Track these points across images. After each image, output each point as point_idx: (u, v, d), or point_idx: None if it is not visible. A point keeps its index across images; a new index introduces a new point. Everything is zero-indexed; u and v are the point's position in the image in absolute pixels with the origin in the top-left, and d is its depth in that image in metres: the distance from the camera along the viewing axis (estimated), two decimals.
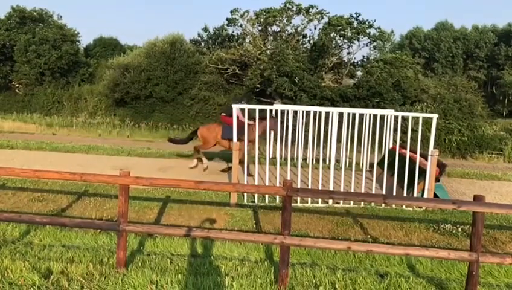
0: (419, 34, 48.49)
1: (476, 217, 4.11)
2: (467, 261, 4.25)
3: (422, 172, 8.38)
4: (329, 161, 8.86)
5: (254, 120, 8.66)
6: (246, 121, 8.21)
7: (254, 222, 6.92)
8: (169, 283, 4.13)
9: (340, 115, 8.37)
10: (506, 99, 41.41)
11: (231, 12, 26.72)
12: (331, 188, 8.14)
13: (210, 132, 10.96)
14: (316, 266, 4.90)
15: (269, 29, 26.91)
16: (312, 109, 8.96)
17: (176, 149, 14.63)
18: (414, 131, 10.22)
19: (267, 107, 8.76)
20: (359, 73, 28.18)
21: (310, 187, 8.35)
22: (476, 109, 22.41)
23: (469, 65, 45.46)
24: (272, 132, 11.42)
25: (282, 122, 9.20)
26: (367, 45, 26.86)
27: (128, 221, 4.56)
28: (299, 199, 7.86)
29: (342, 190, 8.26)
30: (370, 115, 9.85)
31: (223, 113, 11.12)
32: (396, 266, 5.16)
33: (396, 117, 9.18)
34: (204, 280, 4.21)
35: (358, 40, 26.01)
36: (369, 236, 6.43)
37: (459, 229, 6.70)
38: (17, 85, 33.02)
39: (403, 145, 9.59)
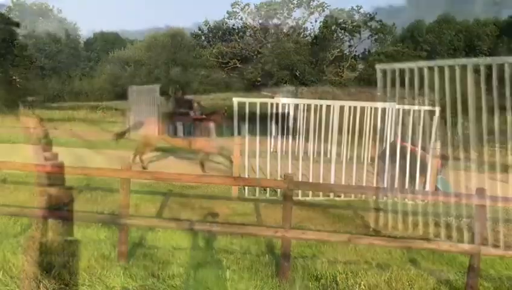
0: (421, 27, 48.20)
1: (478, 210, 4.10)
2: (468, 254, 4.24)
3: (424, 165, 8.35)
4: (331, 154, 8.83)
5: None
6: None
7: (255, 215, 6.91)
8: (171, 277, 4.14)
9: (342, 108, 8.32)
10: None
11: (232, 5, 26.69)
12: (332, 182, 8.12)
13: None
14: (317, 259, 4.89)
15: (270, 22, 26.80)
16: (313, 102, 8.92)
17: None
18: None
19: (269, 101, 8.73)
20: (360, 66, 28.09)
21: (311, 181, 8.32)
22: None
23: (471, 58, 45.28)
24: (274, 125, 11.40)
25: (283, 115, 9.18)
26: (368, 38, 26.78)
27: (130, 215, 4.55)
28: (300, 192, 7.85)
29: (343, 183, 8.24)
30: (371, 108, 9.81)
31: None
32: (397, 259, 5.16)
33: (398, 110, 9.12)
34: (205, 273, 4.22)
35: (359, 33, 25.92)
36: (370, 229, 6.42)
37: (461, 222, 6.68)
38: (17, 80, 32.99)
39: (404, 138, 9.54)
